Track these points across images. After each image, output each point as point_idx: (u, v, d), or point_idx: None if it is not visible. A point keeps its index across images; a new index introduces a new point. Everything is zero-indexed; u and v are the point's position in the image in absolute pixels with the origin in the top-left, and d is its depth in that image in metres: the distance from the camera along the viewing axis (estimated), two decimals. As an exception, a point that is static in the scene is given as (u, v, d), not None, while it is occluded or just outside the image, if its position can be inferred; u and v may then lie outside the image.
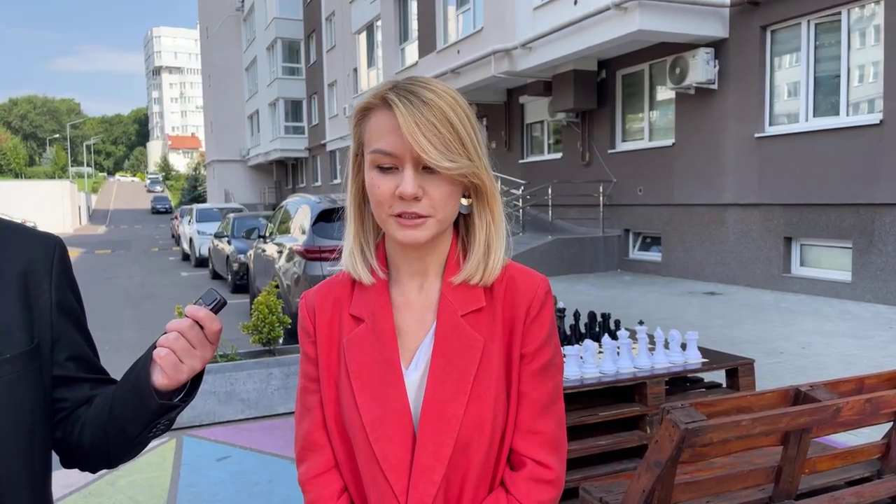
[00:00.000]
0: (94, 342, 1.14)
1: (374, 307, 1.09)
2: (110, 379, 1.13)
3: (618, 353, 3.11)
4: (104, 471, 3.88)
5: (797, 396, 2.05)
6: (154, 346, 0.98)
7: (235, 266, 12.34)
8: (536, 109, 15.01)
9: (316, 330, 1.13)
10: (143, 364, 1.00)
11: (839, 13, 8.93)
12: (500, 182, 10.96)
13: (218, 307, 0.99)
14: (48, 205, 40.47)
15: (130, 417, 1.00)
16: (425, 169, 0.99)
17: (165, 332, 0.98)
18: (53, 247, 1.07)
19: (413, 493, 1.01)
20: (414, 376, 1.07)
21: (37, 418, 1.01)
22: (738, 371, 3.28)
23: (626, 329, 3.39)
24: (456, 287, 1.07)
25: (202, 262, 17.46)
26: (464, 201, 1.07)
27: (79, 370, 1.08)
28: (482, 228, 1.08)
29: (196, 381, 1.03)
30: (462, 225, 1.11)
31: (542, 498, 1.06)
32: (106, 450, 1.06)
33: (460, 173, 1.00)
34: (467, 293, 1.07)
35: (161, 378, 0.97)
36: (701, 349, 3.32)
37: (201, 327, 0.97)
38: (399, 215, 1.00)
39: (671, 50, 10.80)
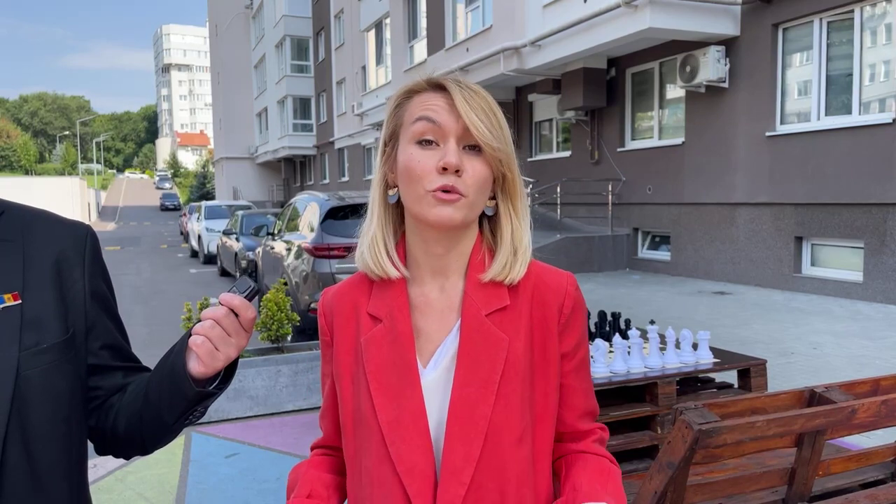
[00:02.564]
0: (125, 330, 1.14)
1: (392, 307, 1.08)
2: (143, 367, 1.14)
3: (628, 352, 3.08)
4: (113, 467, 3.90)
5: (812, 398, 2.03)
6: (189, 334, 0.98)
7: (244, 263, 12.37)
8: (545, 107, 14.97)
9: (333, 329, 1.13)
10: (179, 351, 1.00)
11: (852, 11, 8.86)
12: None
13: (252, 295, 1.00)
14: (58, 201, 40.58)
15: (166, 405, 1.01)
16: (465, 149, 1.02)
17: (200, 321, 0.98)
18: (85, 235, 1.08)
19: (442, 494, 1.00)
20: (432, 376, 1.05)
21: (73, 407, 1.02)
22: (751, 371, 3.25)
23: (637, 328, 3.37)
24: (480, 286, 1.07)
25: (211, 259, 17.50)
26: (488, 202, 1.08)
27: (112, 358, 1.09)
28: (508, 225, 1.08)
29: (231, 369, 1.03)
30: (486, 227, 1.12)
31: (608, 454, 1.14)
32: (141, 436, 1.06)
33: (499, 157, 1.04)
34: (491, 292, 1.07)
35: (197, 366, 0.98)
36: (712, 349, 3.30)
37: (236, 315, 0.98)
38: (436, 191, 1.00)
39: (681, 48, 10.75)
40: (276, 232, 9.16)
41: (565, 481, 1.09)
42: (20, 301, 0.97)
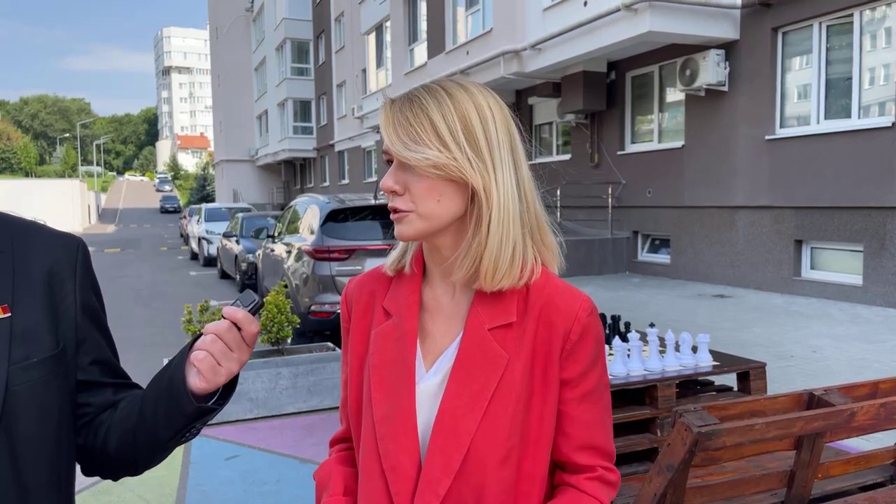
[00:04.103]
0: (115, 345, 1.12)
1: (403, 305, 1.09)
2: (133, 384, 1.11)
3: (628, 355, 3.09)
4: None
5: (811, 400, 2.03)
6: (188, 348, 0.97)
7: (244, 266, 12.38)
8: (545, 110, 14.99)
9: (351, 317, 1.15)
10: (178, 365, 0.98)
11: (851, 15, 8.88)
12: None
13: (256, 308, 0.98)
14: (58, 203, 40.62)
15: (163, 421, 0.98)
16: (407, 164, 1.00)
17: (201, 334, 0.97)
18: (76, 247, 1.05)
19: (418, 502, 1.00)
20: (432, 381, 1.05)
21: (62, 423, 0.99)
22: (750, 374, 3.25)
23: (637, 331, 3.37)
24: (488, 298, 1.05)
25: (211, 262, 17.50)
26: None
27: (102, 375, 1.06)
28: (475, 234, 1.02)
29: (231, 384, 1.01)
30: None
31: (609, 497, 1.08)
32: (133, 455, 1.03)
33: (430, 164, 0.97)
34: (499, 306, 1.05)
35: (198, 381, 0.96)
36: (711, 352, 3.30)
37: (239, 329, 0.96)
38: (391, 211, 1.05)
39: (681, 51, 10.76)
40: (276, 234, 9.17)
41: None
42: (10, 314, 0.94)
